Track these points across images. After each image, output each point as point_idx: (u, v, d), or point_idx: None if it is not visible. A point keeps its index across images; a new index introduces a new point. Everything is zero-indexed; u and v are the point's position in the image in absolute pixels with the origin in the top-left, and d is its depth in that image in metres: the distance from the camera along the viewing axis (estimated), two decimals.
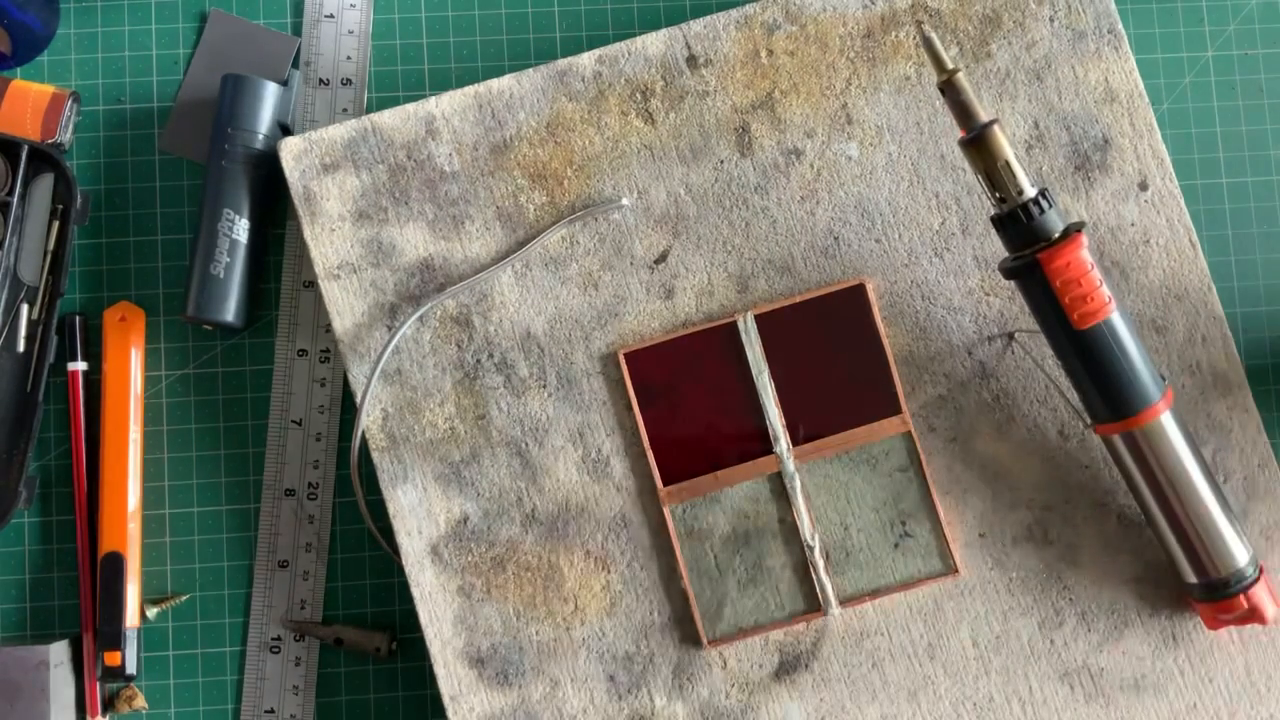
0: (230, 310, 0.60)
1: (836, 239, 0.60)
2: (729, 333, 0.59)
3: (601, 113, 0.61)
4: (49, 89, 0.62)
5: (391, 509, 0.59)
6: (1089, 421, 0.56)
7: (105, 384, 0.61)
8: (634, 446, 0.59)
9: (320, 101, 0.63)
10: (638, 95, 0.61)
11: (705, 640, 0.58)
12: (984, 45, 0.61)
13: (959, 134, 0.53)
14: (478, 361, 0.60)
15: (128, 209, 0.63)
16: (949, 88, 0.52)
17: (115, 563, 0.60)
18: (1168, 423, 0.54)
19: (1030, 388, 0.60)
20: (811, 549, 0.58)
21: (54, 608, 0.61)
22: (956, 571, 0.59)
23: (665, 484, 0.59)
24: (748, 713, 0.58)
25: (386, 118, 0.60)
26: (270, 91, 0.61)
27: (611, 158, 0.61)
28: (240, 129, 0.61)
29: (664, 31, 0.61)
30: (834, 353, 0.59)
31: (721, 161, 0.61)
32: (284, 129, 0.62)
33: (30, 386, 0.61)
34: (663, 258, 0.60)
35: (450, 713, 0.58)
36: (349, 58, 0.64)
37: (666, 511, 0.59)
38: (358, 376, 0.59)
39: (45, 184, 0.62)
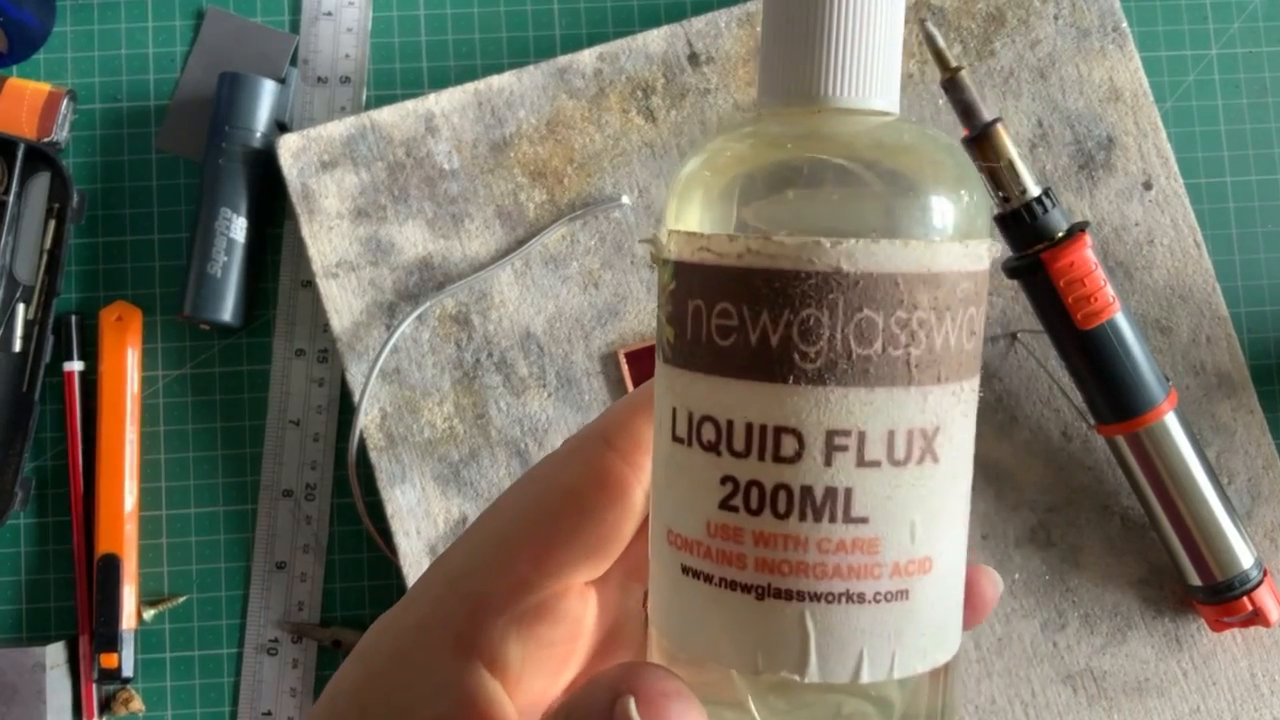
0: (227, 310, 0.60)
1: None
2: None
3: (602, 110, 0.60)
4: (45, 87, 0.61)
5: (390, 509, 0.58)
6: (1092, 422, 0.56)
7: (101, 384, 0.61)
8: None
9: (318, 99, 0.63)
10: (639, 93, 0.60)
11: None
12: (987, 43, 0.61)
13: (962, 132, 0.53)
14: (477, 361, 0.59)
15: (124, 208, 0.63)
16: (952, 86, 0.52)
17: (111, 564, 0.59)
18: (1172, 424, 0.54)
19: (1033, 389, 0.59)
20: None
21: (50, 609, 0.61)
22: None
23: None
24: None
25: (385, 115, 0.60)
26: (268, 89, 0.61)
27: (612, 155, 0.60)
28: (237, 127, 0.60)
29: (665, 29, 0.60)
30: None
31: None
32: (281, 127, 0.62)
33: (26, 387, 0.60)
34: None
35: None
36: (347, 55, 0.63)
37: None
38: (356, 376, 0.59)
39: (41, 183, 0.62)
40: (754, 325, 0.22)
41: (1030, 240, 0.53)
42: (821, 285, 0.22)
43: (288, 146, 0.59)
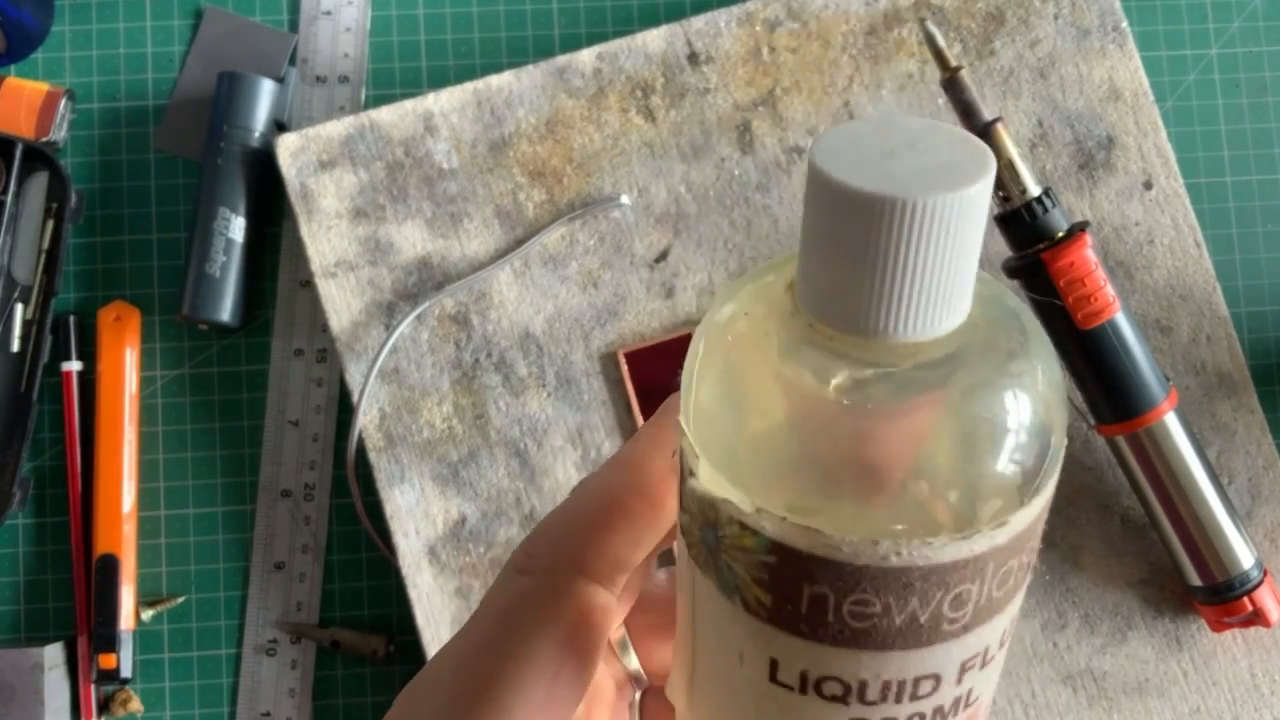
0: (226, 310, 0.60)
1: None
2: None
3: (601, 110, 0.60)
4: (43, 86, 0.61)
5: (389, 510, 0.58)
6: (1093, 422, 0.56)
7: (100, 384, 0.61)
8: None
9: (317, 99, 0.63)
10: (638, 92, 0.60)
11: None
12: (987, 43, 0.61)
13: None
14: (476, 361, 0.59)
15: (123, 207, 0.62)
16: (952, 85, 0.52)
17: (110, 565, 0.59)
18: (1172, 424, 0.54)
19: None
20: None
21: (48, 610, 0.61)
22: None
23: None
24: None
25: (384, 115, 0.60)
26: (266, 89, 0.61)
27: (611, 155, 0.60)
28: (236, 127, 0.60)
29: (664, 28, 0.60)
30: None
31: (723, 159, 0.60)
32: (280, 126, 0.62)
33: (24, 386, 0.60)
34: (663, 256, 0.60)
35: None
36: (346, 55, 0.63)
37: None
38: (355, 376, 0.59)
39: (40, 182, 0.62)
40: (900, 610, 0.21)
41: (1030, 240, 0.52)
42: (975, 564, 0.21)
43: (286, 146, 0.59)
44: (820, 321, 0.21)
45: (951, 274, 0.20)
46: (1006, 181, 0.52)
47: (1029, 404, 0.21)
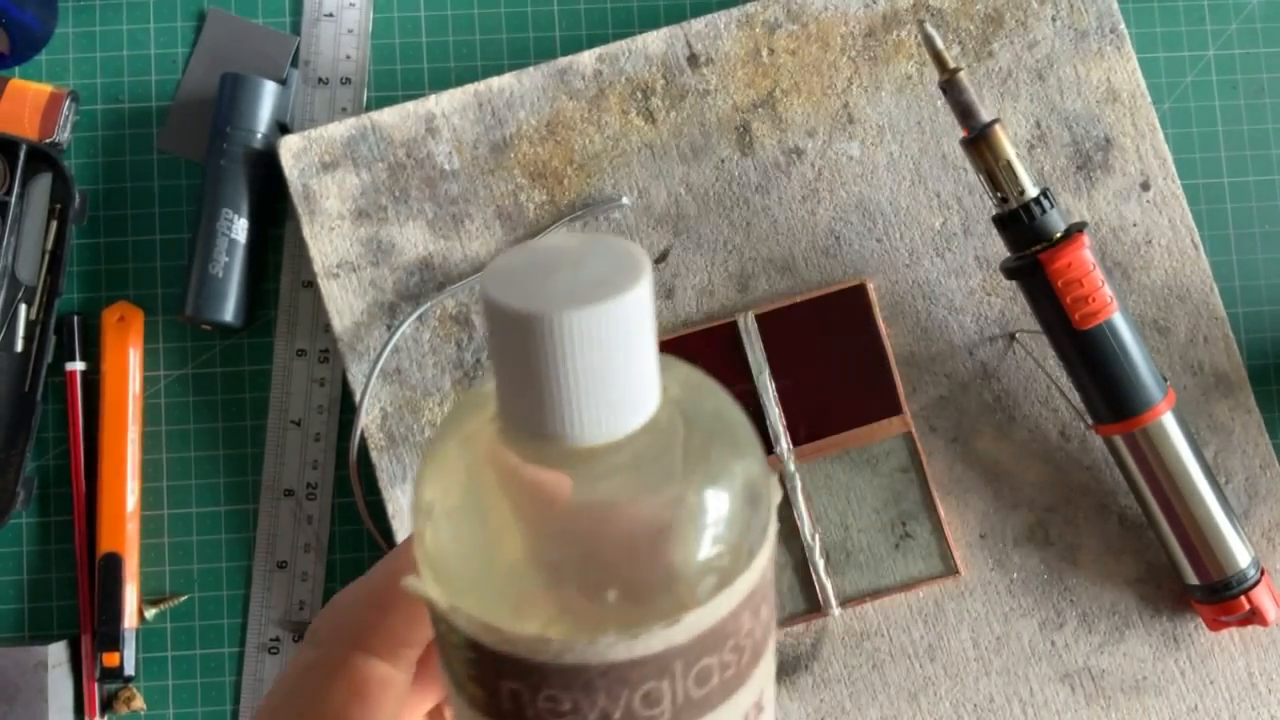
0: (229, 310, 0.60)
1: (838, 238, 0.60)
2: (729, 332, 0.59)
3: (602, 111, 0.60)
4: (47, 88, 0.61)
5: (391, 509, 0.59)
6: (1090, 422, 0.56)
7: (103, 384, 0.61)
8: None
9: (319, 100, 0.63)
10: (638, 94, 0.61)
11: None
12: (986, 44, 0.61)
13: (960, 133, 0.53)
14: (477, 361, 0.59)
15: (126, 208, 0.63)
16: (950, 87, 0.52)
17: (113, 563, 0.59)
18: (1169, 423, 0.54)
19: (1031, 388, 0.59)
20: (811, 549, 0.58)
21: (52, 608, 0.61)
22: (957, 572, 0.58)
23: None
24: None
25: (386, 116, 0.60)
26: (269, 90, 0.61)
27: (612, 156, 0.60)
28: (239, 128, 0.60)
29: (664, 30, 0.61)
30: (835, 353, 0.59)
31: (722, 160, 0.60)
32: (283, 128, 0.62)
33: (28, 386, 0.60)
34: (663, 257, 0.60)
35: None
36: (348, 56, 0.63)
37: None
38: (357, 376, 0.59)
39: (43, 183, 0.62)
40: (591, 708, 0.21)
41: (1028, 241, 0.53)
42: (656, 662, 0.20)
43: (289, 147, 0.60)
44: (507, 426, 0.21)
45: (614, 379, 0.20)
46: (1004, 183, 0.52)
47: (703, 504, 0.21)
